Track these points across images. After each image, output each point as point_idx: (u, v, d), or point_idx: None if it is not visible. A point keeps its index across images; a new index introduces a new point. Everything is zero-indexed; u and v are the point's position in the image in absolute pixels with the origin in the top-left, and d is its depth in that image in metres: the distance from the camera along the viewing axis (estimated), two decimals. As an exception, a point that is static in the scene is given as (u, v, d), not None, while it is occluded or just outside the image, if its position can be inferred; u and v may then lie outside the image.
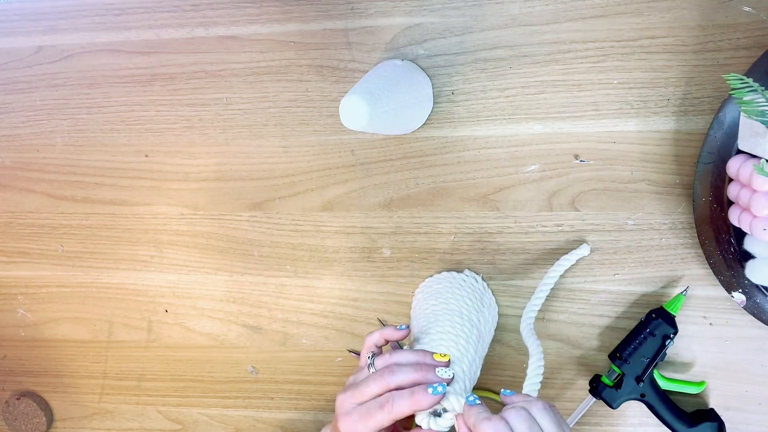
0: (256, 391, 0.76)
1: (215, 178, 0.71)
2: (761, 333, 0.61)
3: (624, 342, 0.62)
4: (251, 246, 0.72)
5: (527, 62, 0.61)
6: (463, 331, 0.57)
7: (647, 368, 0.60)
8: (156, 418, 0.80)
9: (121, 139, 0.72)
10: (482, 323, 0.61)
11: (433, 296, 0.62)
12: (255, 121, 0.68)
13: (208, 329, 0.75)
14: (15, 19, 0.71)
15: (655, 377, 0.61)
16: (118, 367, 0.79)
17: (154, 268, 0.75)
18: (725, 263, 0.57)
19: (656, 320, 0.60)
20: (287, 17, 0.65)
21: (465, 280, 0.64)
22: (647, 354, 0.60)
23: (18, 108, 0.74)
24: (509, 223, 0.65)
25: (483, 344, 0.61)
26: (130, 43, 0.69)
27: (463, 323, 0.58)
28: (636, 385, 0.61)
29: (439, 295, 0.62)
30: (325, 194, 0.68)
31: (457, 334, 0.57)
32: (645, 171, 0.61)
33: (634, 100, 0.59)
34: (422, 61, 0.63)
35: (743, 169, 0.51)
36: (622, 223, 0.62)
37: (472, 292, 0.63)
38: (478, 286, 0.65)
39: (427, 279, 0.67)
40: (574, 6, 0.59)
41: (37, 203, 0.76)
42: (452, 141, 0.64)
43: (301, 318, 0.72)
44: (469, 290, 0.63)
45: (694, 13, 0.57)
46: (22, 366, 0.82)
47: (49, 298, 0.79)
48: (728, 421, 0.64)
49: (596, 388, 0.62)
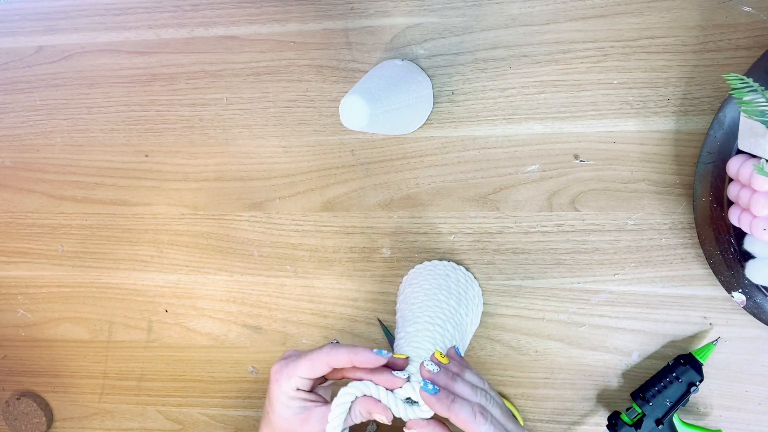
0: (256, 391, 0.76)
1: (215, 178, 0.71)
2: (761, 333, 0.61)
3: (648, 383, 0.62)
4: (251, 246, 0.72)
5: (527, 62, 0.61)
6: (439, 323, 0.57)
7: (669, 412, 0.61)
8: (156, 418, 0.80)
9: (121, 139, 0.72)
10: (462, 313, 0.60)
11: (411, 287, 0.62)
12: (255, 121, 0.68)
13: (209, 329, 0.75)
14: (15, 19, 0.71)
15: (675, 421, 0.62)
16: (118, 367, 0.79)
17: (154, 268, 0.75)
18: (725, 263, 0.57)
19: (684, 366, 0.60)
20: (287, 17, 0.65)
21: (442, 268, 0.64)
22: (671, 398, 0.61)
23: (18, 108, 0.74)
24: (509, 223, 0.65)
25: (461, 330, 0.60)
26: (130, 43, 0.69)
27: (434, 318, 0.57)
28: (655, 427, 0.61)
29: (416, 286, 0.62)
30: (325, 194, 0.68)
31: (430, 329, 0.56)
32: (645, 171, 0.61)
33: (634, 100, 0.59)
34: (422, 61, 0.63)
35: (743, 169, 0.51)
36: (622, 223, 0.62)
37: (449, 281, 0.62)
38: (455, 275, 0.64)
39: (409, 270, 0.67)
40: (574, 6, 0.59)
41: (37, 203, 0.76)
42: (452, 141, 0.64)
43: (301, 318, 0.72)
44: (444, 280, 0.62)
45: (694, 14, 0.57)
46: (22, 366, 0.82)
47: (49, 298, 0.79)
48: (728, 421, 0.64)
49: (615, 425, 0.63)
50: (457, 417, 0.48)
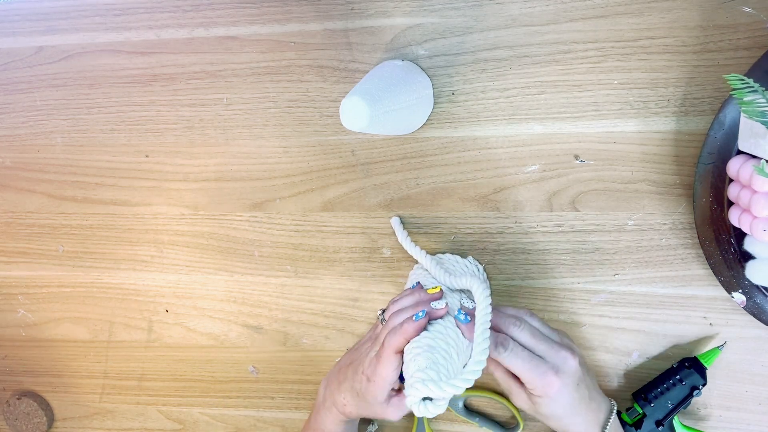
0: (256, 391, 0.76)
1: (215, 179, 0.71)
2: (761, 333, 0.61)
3: (651, 384, 0.62)
4: (252, 246, 0.72)
5: (528, 62, 0.61)
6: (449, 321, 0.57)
7: (670, 414, 0.61)
8: (157, 418, 0.80)
9: (122, 139, 0.72)
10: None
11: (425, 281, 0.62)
12: (255, 121, 0.68)
13: (209, 329, 0.75)
14: (15, 19, 0.71)
15: (675, 423, 0.62)
16: (118, 367, 0.79)
17: (154, 269, 0.75)
18: (725, 264, 0.57)
19: (688, 369, 0.61)
20: (287, 17, 0.65)
21: (465, 264, 0.64)
22: (673, 400, 0.61)
23: (18, 108, 0.74)
24: (509, 224, 0.65)
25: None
26: (130, 44, 0.69)
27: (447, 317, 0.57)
28: (655, 428, 0.61)
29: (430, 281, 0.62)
30: (326, 194, 0.68)
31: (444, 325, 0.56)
32: (645, 171, 0.61)
33: (635, 100, 0.59)
34: (423, 61, 0.63)
35: (743, 169, 0.51)
36: (622, 223, 0.62)
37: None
38: (460, 266, 0.64)
39: (417, 266, 0.66)
40: (575, 6, 0.59)
41: (37, 203, 0.76)
42: (452, 141, 0.64)
43: (302, 318, 0.72)
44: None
45: (694, 14, 0.57)
46: (23, 366, 0.82)
47: (49, 298, 0.79)
48: (728, 421, 0.64)
49: None
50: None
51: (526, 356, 0.54)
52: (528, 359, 0.54)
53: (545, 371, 0.54)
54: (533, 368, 0.54)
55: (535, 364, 0.54)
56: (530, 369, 0.54)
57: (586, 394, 0.56)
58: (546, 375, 0.54)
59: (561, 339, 0.58)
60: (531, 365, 0.54)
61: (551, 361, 0.54)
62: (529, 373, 0.54)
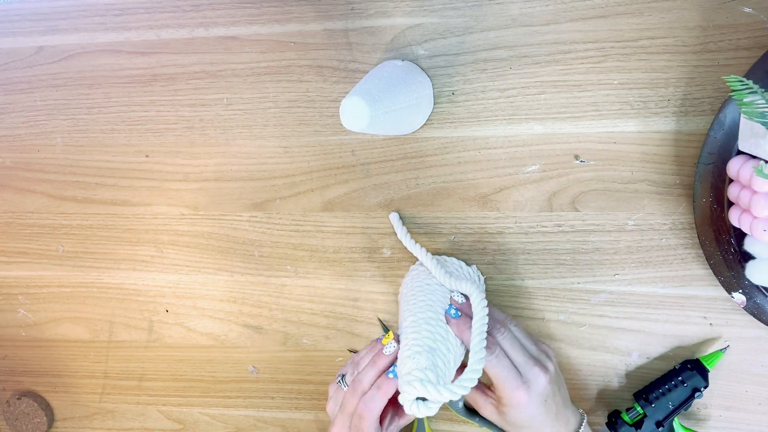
0: (256, 391, 0.76)
1: (215, 179, 0.71)
2: (761, 333, 0.61)
3: (653, 385, 0.62)
4: (252, 246, 0.72)
5: (528, 63, 0.61)
6: (440, 321, 0.57)
7: (670, 415, 0.61)
8: (157, 418, 0.80)
9: (122, 139, 0.72)
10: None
11: (416, 281, 0.62)
12: (255, 121, 0.68)
13: (209, 329, 0.75)
14: (15, 19, 0.71)
15: (674, 425, 0.62)
16: (118, 366, 0.79)
17: (154, 269, 0.75)
18: (725, 264, 0.57)
19: (690, 371, 0.61)
20: (287, 17, 0.65)
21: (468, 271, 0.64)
22: (674, 401, 0.61)
23: (18, 108, 0.74)
24: (509, 224, 0.65)
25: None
26: (130, 44, 0.69)
27: (438, 313, 0.57)
28: (655, 428, 0.61)
29: (419, 281, 0.62)
30: (326, 194, 0.68)
31: (435, 323, 0.56)
32: (645, 171, 0.61)
33: (635, 100, 0.59)
34: (423, 61, 0.63)
35: (743, 170, 0.51)
36: (622, 223, 0.62)
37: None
38: (464, 272, 0.64)
39: (417, 263, 0.66)
40: (575, 6, 0.59)
41: (37, 203, 0.76)
42: (452, 141, 0.64)
43: (302, 318, 0.73)
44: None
45: (694, 14, 0.57)
46: (23, 366, 0.83)
47: (49, 298, 0.79)
48: (728, 421, 0.64)
49: (615, 423, 0.63)
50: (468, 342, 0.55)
51: (506, 365, 0.55)
52: (507, 368, 0.55)
53: (517, 385, 0.55)
54: (509, 378, 0.55)
55: (512, 375, 0.55)
56: (506, 378, 0.55)
57: (554, 410, 0.57)
58: (517, 388, 0.55)
59: (539, 352, 0.58)
60: (508, 374, 0.55)
61: (524, 375, 0.56)
62: (504, 382, 0.55)
